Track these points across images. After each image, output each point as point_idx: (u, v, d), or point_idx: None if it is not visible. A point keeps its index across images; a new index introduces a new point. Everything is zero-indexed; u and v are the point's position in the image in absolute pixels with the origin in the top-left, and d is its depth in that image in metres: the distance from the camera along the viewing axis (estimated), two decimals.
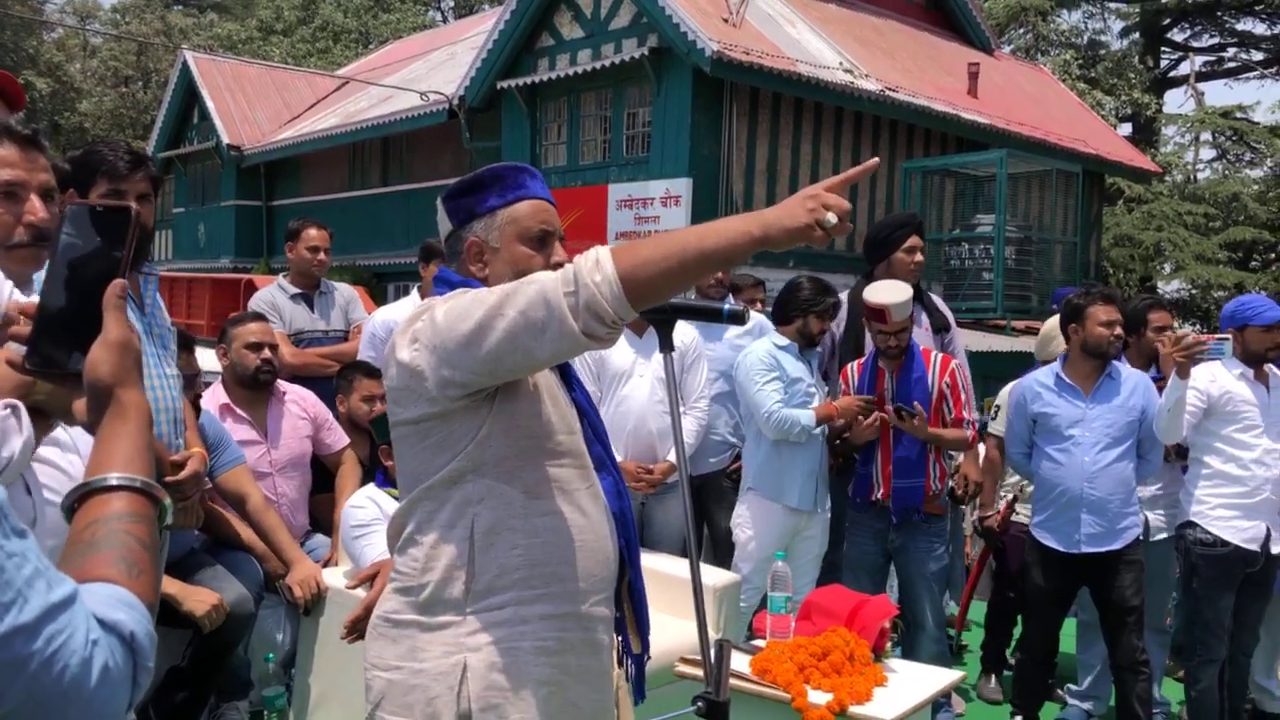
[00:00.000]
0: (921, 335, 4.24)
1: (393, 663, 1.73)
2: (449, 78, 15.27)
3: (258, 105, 20.04)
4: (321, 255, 4.70)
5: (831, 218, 1.49)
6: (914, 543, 3.91)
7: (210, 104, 19.40)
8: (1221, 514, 3.81)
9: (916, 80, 13.39)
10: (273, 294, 4.69)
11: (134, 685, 0.91)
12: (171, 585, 3.13)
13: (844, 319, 4.45)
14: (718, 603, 3.75)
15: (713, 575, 3.87)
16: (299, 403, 3.99)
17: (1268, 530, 3.83)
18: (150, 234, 2.66)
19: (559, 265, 1.81)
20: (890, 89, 12.54)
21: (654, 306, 1.91)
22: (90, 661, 0.86)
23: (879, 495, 3.92)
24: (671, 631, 3.40)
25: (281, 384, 3.99)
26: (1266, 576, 3.91)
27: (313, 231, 4.69)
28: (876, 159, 1.73)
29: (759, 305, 5.54)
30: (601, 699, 1.83)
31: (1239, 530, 3.80)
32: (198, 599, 3.18)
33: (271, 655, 3.56)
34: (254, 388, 3.85)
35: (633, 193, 12.01)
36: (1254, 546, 3.80)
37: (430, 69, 17.46)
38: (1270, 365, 3.91)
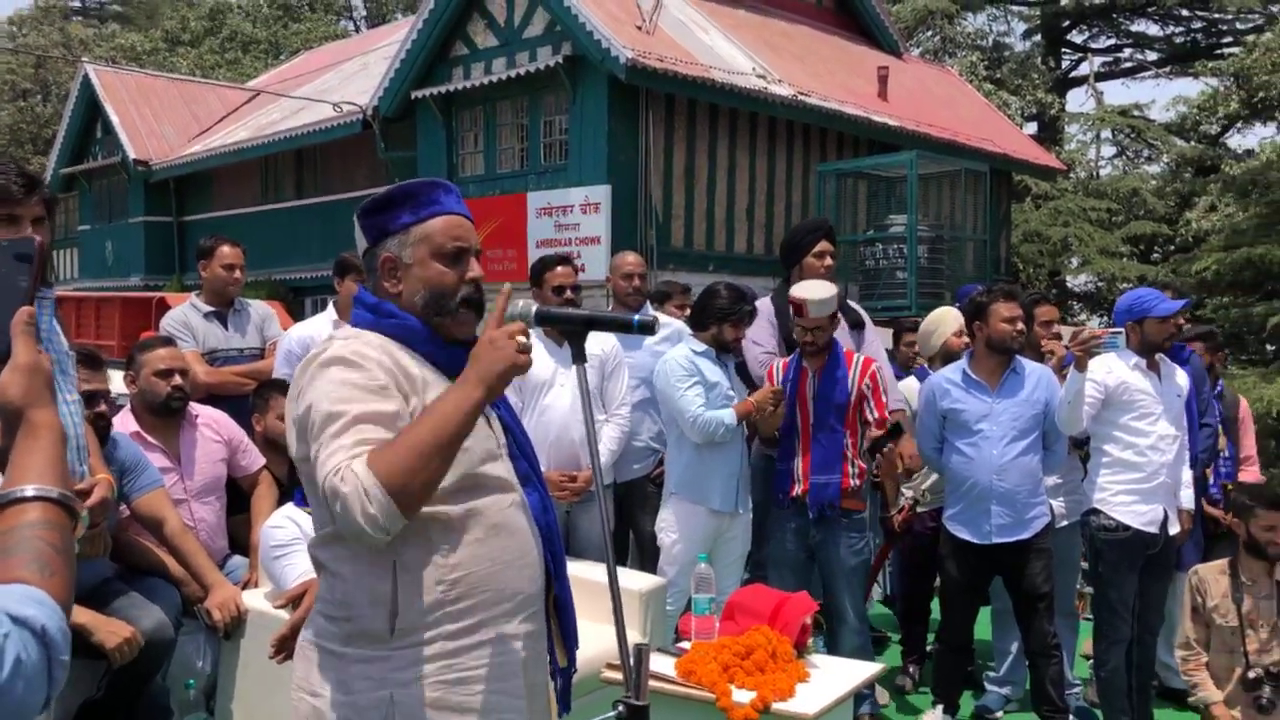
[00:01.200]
0: (838, 334, 4.34)
1: (319, 690, 1.72)
2: (362, 88, 15.09)
3: (165, 118, 19.53)
4: (236, 273, 4.64)
5: (521, 339, 1.68)
6: (833, 538, 4.00)
7: (114, 118, 18.85)
8: (1122, 499, 3.97)
9: (828, 84, 13.63)
10: (185, 313, 4.61)
11: (50, 679, 0.95)
12: (83, 615, 3.05)
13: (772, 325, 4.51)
14: (644, 606, 3.78)
15: (638, 580, 3.90)
16: (211, 426, 3.92)
17: (1165, 513, 3.99)
18: (47, 256, 2.60)
19: (474, 280, 1.82)
20: (802, 93, 12.74)
21: (565, 318, 1.94)
22: (1, 654, 0.89)
23: (799, 491, 3.99)
24: (599, 638, 3.42)
25: (193, 407, 3.91)
26: (1166, 557, 4.08)
27: (226, 249, 4.62)
28: (508, 286, 1.84)
29: (689, 311, 5.60)
30: (547, 713, 1.85)
31: (1138, 514, 3.96)
32: (109, 630, 3.10)
33: (192, 681, 3.49)
34: (165, 414, 3.77)
35: (552, 200, 12.01)
36: (1153, 529, 3.97)
37: (343, 79, 17.24)
38: (1160, 354, 4.08)
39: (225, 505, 3.93)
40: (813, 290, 3.95)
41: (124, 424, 3.73)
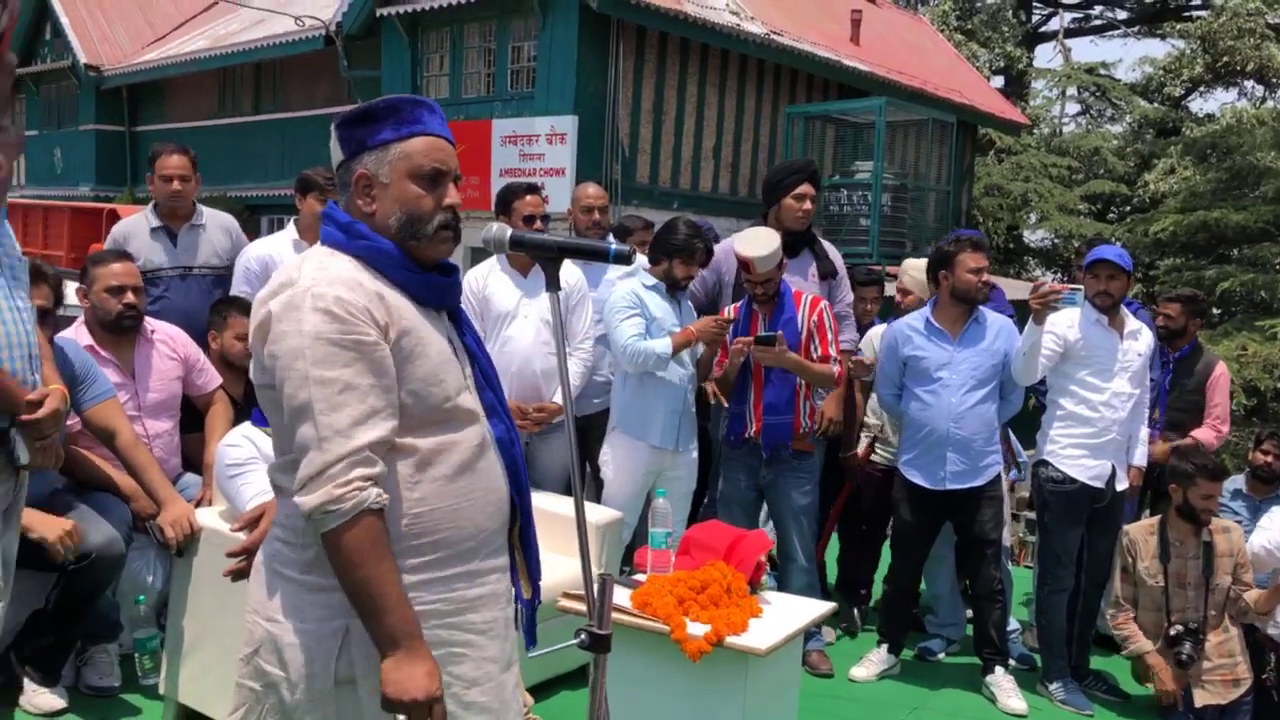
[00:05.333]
0: (808, 284, 4.34)
1: (274, 614, 1.70)
2: (325, 2, 14.64)
3: (118, 23, 18.86)
4: (175, 184, 4.32)
5: None
6: (783, 479, 4.05)
7: (64, 19, 18.15)
8: (1071, 453, 4.04)
9: (801, 25, 13.49)
10: (130, 226, 4.42)
11: None
12: (27, 515, 3.00)
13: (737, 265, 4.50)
14: (600, 539, 3.81)
15: (595, 513, 3.93)
16: (168, 343, 3.83)
17: (1113, 468, 4.08)
18: None
19: (450, 207, 1.76)
20: (775, 33, 12.60)
21: (540, 244, 1.91)
22: None
23: (751, 433, 4.02)
24: (555, 568, 3.45)
25: (150, 323, 3.82)
26: (1113, 512, 4.17)
27: (169, 159, 4.32)
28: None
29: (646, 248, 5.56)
30: (509, 647, 1.84)
31: (1086, 468, 4.03)
32: (48, 524, 3.05)
33: (142, 597, 3.47)
34: (118, 331, 3.67)
35: (517, 129, 11.82)
36: (1100, 484, 4.05)
37: None
38: (1125, 311, 4.13)
39: (179, 423, 3.87)
40: (757, 246, 3.91)
41: (77, 338, 3.64)
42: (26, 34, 19.52)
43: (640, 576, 3.18)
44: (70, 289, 3.94)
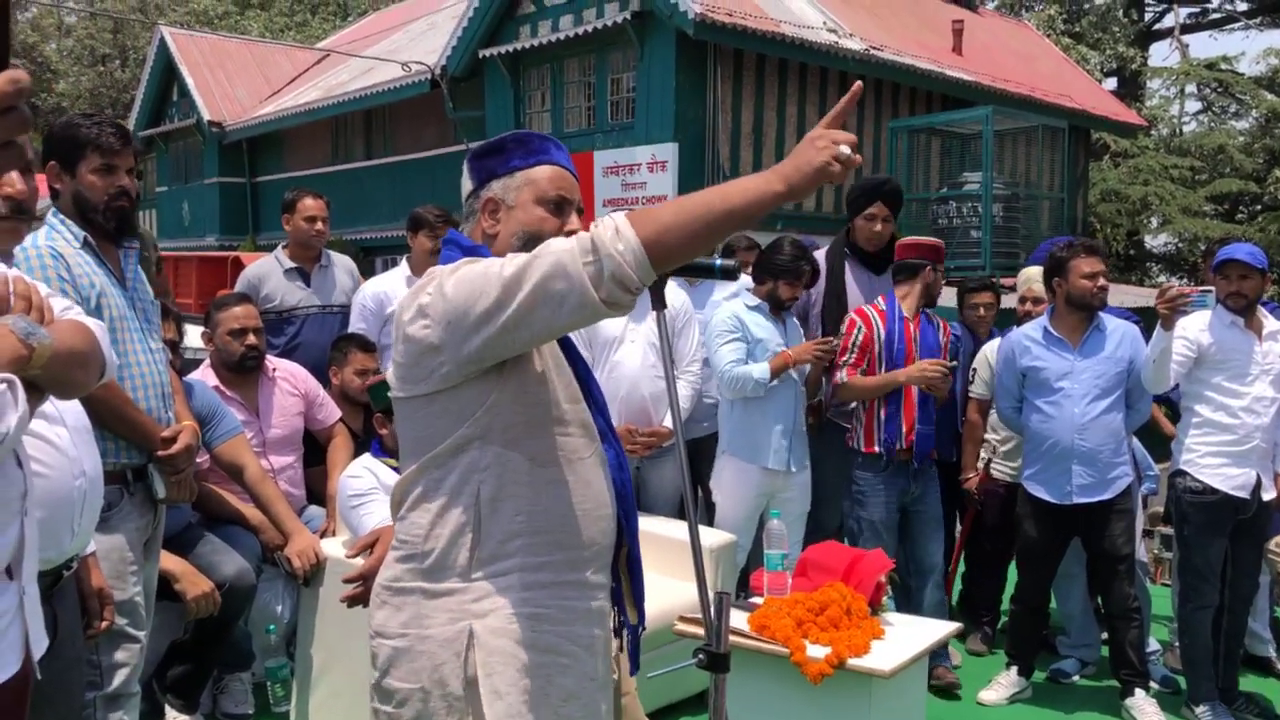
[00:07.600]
0: None
1: (397, 630, 1.73)
2: (430, 48, 15.12)
3: (238, 81, 19.83)
4: (319, 225, 4.57)
5: (845, 149, 1.50)
6: (929, 489, 4.07)
7: (190, 80, 19.19)
8: (1210, 462, 3.83)
9: (900, 38, 13.33)
10: (264, 268, 4.63)
11: None
12: (171, 562, 3.14)
13: (823, 277, 4.44)
14: (714, 563, 3.78)
15: (708, 536, 3.90)
16: (289, 380, 3.98)
17: (1258, 477, 3.85)
18: (135, 206, 2.66)
19: (572, 233, 1.80)
20: (874, 48, 12.47)
21: None
22: None
23: (905, 444, 3.97)
24: (668, 592, 3.43)
25: (271, 361, 3.97)
26: (1259, 524, 3.93)
27: (308, 201, 4.57)
28: (859, 84, 1.72)
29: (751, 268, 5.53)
30: (608, 667, 1.84)
31: (1228, 478, 3.82)
32: (193, 582, 3.18)
33: (273, 627, 3.58)
34: (241, 371, 3.83)
35: (619, 159, 11.95)
36: (1244, 494, 3.82)
37: (411, 39, 17.29)
38: (1263, 312, 3.91)
39: (302, 457, 4.00)
40: None
41: (204, 379, 3.80)
42: (156, 98, 20.70)
43: (757, 600, 3.14)
44: (196, 333, 4.12)
